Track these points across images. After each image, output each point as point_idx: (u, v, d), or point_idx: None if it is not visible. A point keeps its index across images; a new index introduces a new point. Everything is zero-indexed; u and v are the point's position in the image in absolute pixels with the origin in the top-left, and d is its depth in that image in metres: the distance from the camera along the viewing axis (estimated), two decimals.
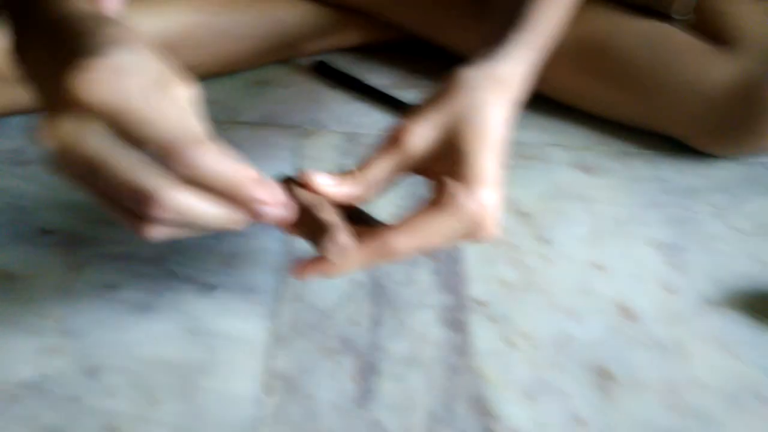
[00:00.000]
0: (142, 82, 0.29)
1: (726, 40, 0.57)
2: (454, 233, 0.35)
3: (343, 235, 0.32)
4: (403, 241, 0.34)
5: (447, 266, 0.46)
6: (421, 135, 0.35)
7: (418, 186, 0.51)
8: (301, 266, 0.35)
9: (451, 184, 0.34)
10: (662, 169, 0.58)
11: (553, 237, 0.50)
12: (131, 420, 0.35)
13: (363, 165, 0.36)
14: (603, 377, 0.40)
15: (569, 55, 0.59)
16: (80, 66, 0.28)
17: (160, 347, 0.39)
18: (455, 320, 0.43)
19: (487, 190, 0.35)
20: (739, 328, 0.44)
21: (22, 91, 0.51)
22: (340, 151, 0.56)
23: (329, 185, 0.35)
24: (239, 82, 0.63)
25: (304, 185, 0.34)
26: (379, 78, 0.65)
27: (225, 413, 0.36)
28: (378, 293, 0.44)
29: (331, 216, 0.33)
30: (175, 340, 0.39)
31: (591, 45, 0.58)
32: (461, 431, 0.37)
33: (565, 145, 0.59)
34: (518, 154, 0.57)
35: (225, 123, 0.56)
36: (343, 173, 0.35)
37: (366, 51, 0.69)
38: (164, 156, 0.28)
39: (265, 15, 0.62)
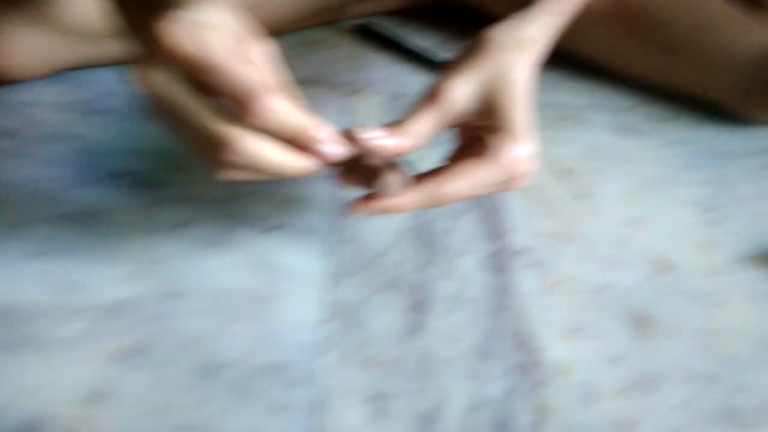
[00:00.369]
0: (222, 36, 0.32)
1: (762, 4, 0.57)
2: (495, 182, 0.38)
3: (396, 175, 0.36)
4: (451, 188, 0.37)
5: (490, 216, 0.49)
6: (460, 91, 0.38)
7: None
8: (357, 203, 0.38)
9: (492, 138, 0.38)
10: (699, 133, 0.60)
11: (592, 193, 0.52)
12: (208, 337, 0.39)
13: (405, 119, 0.38)
14: (640, 321, 0.43)
15: (608, 18, 0.60)
16: (168, 17, 0.31)
17: (230, 277, 0.42)
18: (498, 265, 0.46)
19: (524, 143, 0.38)
20: None
21: (92, 46, 0.55)
22: (384, 110, 0.58)
23: (375, 137, 0.37)
24: (287, 44, 0.65)
25: (351, 139, 0.37)
26: (421, 40, 0.67)
27: (289, 335, 0.40)
28: (425, 238, 0.47)
29: (380, 159, 0.36)
30: (243, 271, 0.43)
31: (629, 8, 0.60)
32: (505, 362, 0.40)
33: (604, 107, 0.61)
34: (558, 116, 0.59)
35: None
36: (387, 126, 0.38)
37: (408, 14, 0.71)
38: (238, 104, 0.31)
39: None
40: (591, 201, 0.51)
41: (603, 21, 0.60)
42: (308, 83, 0.60)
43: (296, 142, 0.33)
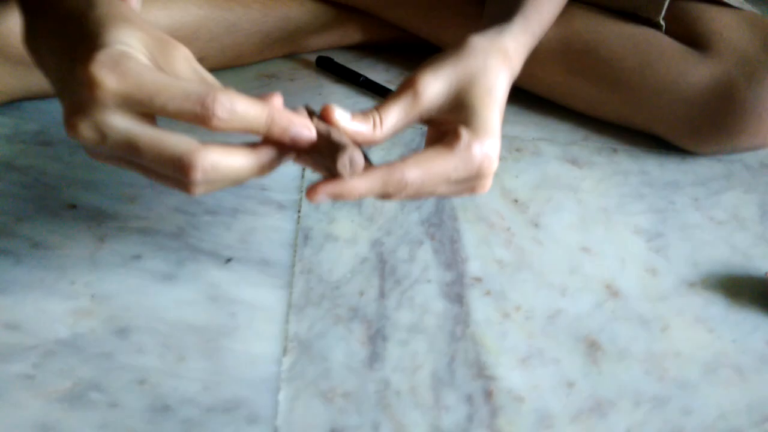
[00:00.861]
0: (148, 57, 0.32)
1: (703, 44, 0.61)
2: (459, 176, 0.37)
3: (358, 152, 0.34)
4: (414, 174, 0.35)
5: (446, 246, 0.50)
6: (435, 87, 0.37)
7: None
8: (316, 187, 0.35)
9: (464, 131, 0.37)
10: (646, 164, 0.62)
11: (544, 222, 0.53)
12: (160, 375, 0.38)
13: (378, 108, 0.37)
14: (591, 347, 0.44)
15: (558, 56, 0.63)
16: (92, 61, 0.30)
17: (184, 311, 0.42)
18: (454, 294, 0.46)
19: (493, 141, 0.37)
20: (715, 307, 0.48)
21: (38, 75, 0.54)
22: None
23: (347, 120, 0.36)
24: (247, 75, 0.66)
25: (323, 117, 0.36)
26: (378, 74, 0.69)
27: (246, 370, 0.39)
28: (383, 268, 0.47)
29: (346, 139, 0.35)
30: (197, 305, 0.42)
31: (579, 47, 0.63)
32: (462, 390, 0.40)
33: (555, 140, 0.63)
34: (512, 147, 0.61)
35: None
36: (360, 113, 0.37)
37: (366, 49, 0.72)
38: (197, 113, 0.31)
39: (272, 11, 0.66)
40: (542, 230, 0.53)
41: (553, 58, 0.63)
42: None
43: (267, 133, 0.33)
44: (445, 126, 0.38)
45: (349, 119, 0.36)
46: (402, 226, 0.51)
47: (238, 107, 0.31)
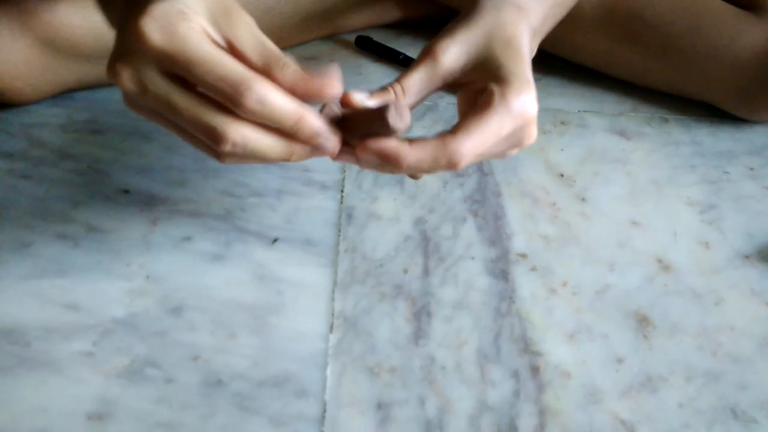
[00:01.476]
0: (200, 22, 0.31)
1: (757, 5, 0.58)
2: (506, 132, 0.35)
3: (401, 106, 0.33)
4: (468, 145, 0.34)
5: (489, 222, 0.49)
6: (454, 49, 0.36)
7: None
8: (367, 142, 0.34)
9: (494, 85, 0.35)
10: (698, 134, 0.60)
11: (591, 197, 0.52)
12: (212, 351, 0.39)
13: (399, 80, 0.37)
14: (641, 322, 0.43)
15: (602, 23, 0.61)
16: (144, 12, 0.30)
17: (233, 290, 0.43)
18: (499, 270, 0.46)
19: (526, 87, 0.35)
20: None
21: (89, 66, 0.56)
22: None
23: (366, 100, 0.35)
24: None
25: (344, 105, 0.35)
26: (417, 52, 0.68)
27: (294, 347, 0.40)
28: (426, 246, 0.47)
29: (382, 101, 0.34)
30: (246, 284, 0.43)
31: (623, 12, 0.60)
32: (508, 366, 0.40)
33: (602, 112, 0.62)
34: (557, 121, 0.60)
35: None
36: (382, 89, 0.36)
37: (405, 26, 0.72)
38: (225, 98, 0.31)
39: None
40: (589, 205, 0.52)
41: (597, 25, 0.61)
42: None
43: (291, 134, 0.33)
44: (473, 86, 0.37)
45: (367, 98, 0.35)
46: (445, 204, 0.51)
47: (269, 101, 0.31)
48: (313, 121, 0.33)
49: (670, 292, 0.45)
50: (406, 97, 0.36)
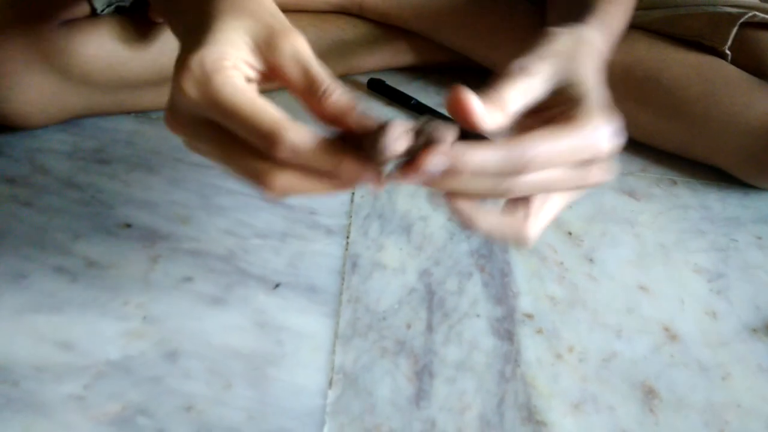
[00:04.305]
0: (250, 47, 0.32)
1: None
2: (584, 155, 0.32)
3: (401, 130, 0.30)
4: (539, 149, 0.31)
5: (496, 279, 0.49)
6: (544, 67, 0.34)
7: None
8: (429, 151, 0.30)
9: (580, 108, 0.33)
10: (706, 198, 0.60)
11: (599, 258, 0.52)
12: (207, 402, 0.38)
13: (498, 89, 0.33)
14: (648, 394, 0.42)
15: (618, 83, 0.61)
16: (182, 64, 0.31)
17: (232, 337, 0.42)
18: (505, 330, 0.45)
19: (610, 117, 0.33)
20: None
21: (101, 94, 0.56)
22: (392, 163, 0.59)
23: (482, 109, 0.31)
24: None
25: (455, 108, 0.31)
26: (429, 97, 0.68)
27: (291, 401, 0.39)
28: (431, 300, 0.46)
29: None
30: (245, 331, 0.42)
31: (640, 74, 0.61)
32: None
33: None
34: None
35: None
36: (486, 98, 0.32)
37: (418, 70, 0.72)
38: (261, 147, 0.30)
39: (326, 32, 0.66)
40: (597, 266, 0.51)
41: (612, 84, 0.61)
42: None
43: (333, 176, 0.31)
44: (548, 112, 0.34)
45: (483, 107, 0.31)
46: (451, 257, 0.50)
47: (301, 150, 0.30)
48: (351, 166, 0.31)
49: (676, 363, 0.44)
50: (507, 109, 0.32)
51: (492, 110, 0.31)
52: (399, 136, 0.30)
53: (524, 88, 0.33)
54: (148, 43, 0.55)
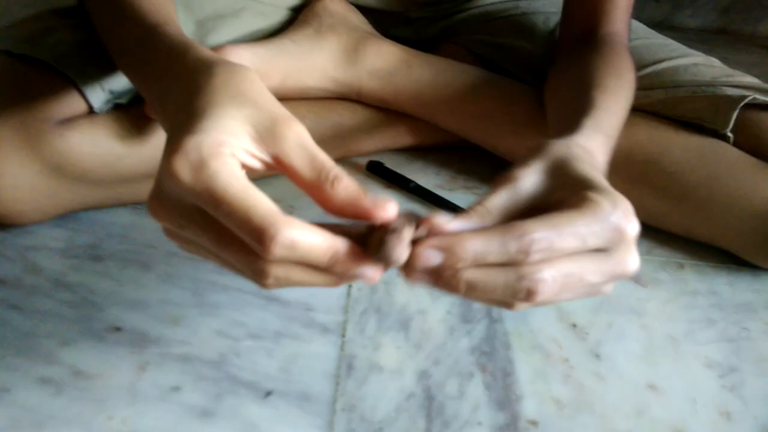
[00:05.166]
0: (251, 135, 0.31)
1: None
2: (596, 242, 0.31)
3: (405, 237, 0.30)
4: (541, 232, 0.29)
5: (498, 380, 0.47)
6: (531, 175, 0.34)
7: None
8: (422, 244, 0.30)
9: (589, 192, 0.31)
10: (715, 283, 0.58)
11: (605, 353, 0.50)
12: None
13: (481, 202, 0.33)
14: None
15: (620, 167, 0.60)
16: (174, 149, 0.30)
17: None
18: None
19: (622, 200, 0.32)
20: None
21: (102, 190, 0.55)
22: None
23: (450, 224, 0.31)
24: None
25: (433, 232, 0.31)
26: (428, 178, 0.67)
27: None
28: (429, 407, 0.44)
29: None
30: None
31: (641, 158, 0.60)
32: None
33: None
34: None
35: None
36: (462, 214, 0.32)
37: (418, 151, 0.72)
38: (253, 241, 0.29)
39: (325, 119, 0.66)
40: (604, 363, 0.49)
41: (614, 168, 0.60)
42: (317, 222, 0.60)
43: (330, 272, 0.30)
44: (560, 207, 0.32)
45: (450, 221, 0.31)
46: (451, 355, 0.48)
47: (298, 246, 0.29)
48: (347, 262, 0.30)
49: None
50: (490, 219, 0.32)
51: (474, 221, 0.31)
52: (408, 242, 0.30)
53: (509, 193, 0.33)
54: (145, 138, 0.55)
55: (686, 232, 0.61)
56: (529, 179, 0.34)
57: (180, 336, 0.47)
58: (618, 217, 0.31)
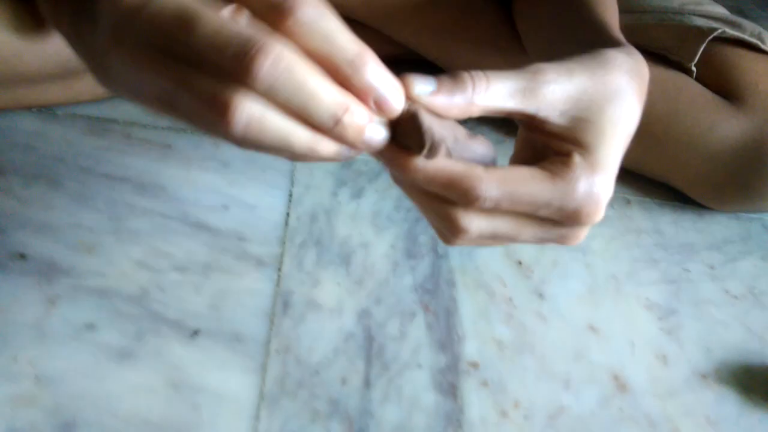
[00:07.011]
0: None
1: (737, 95, 0.56)
2: (549, 213, 0.28)
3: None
4: (493, 190, 0.27)
5: (441, 320, 0.45)
6: (566, 87, 0.28)
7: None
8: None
9: (579, 158, 0.28)
10: (660, 221, 0.58)
11: (549, 292, 0.49)
12: None
13: (486, 72, 0.27)
14: None
15: None
16: None
17: (140, 400, 0.37)
18: (448, 384, 0.41)
19: (605, 179, 0.29)
20: (728, 405, 0.44)
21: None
22: (335, 179, 0.53)
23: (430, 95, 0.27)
24: None
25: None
26: None
27: None
28: (369, 348, 0.42)
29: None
30: (156, 393, 0.37)
31: None
32: None
33: None
34: None
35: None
36: (450, 78, 0.27)
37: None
38: (269, 5, 0.23)
39: None
40: (547, 303, 0.48)
41: None
42: None
43: (349, 77, 0.24)
44: (550, 144, 0.29)
45: (430, 84, 0.27)
46: (393, 293, 0.46)
47: (323, 22, 0.23)
48: (379, 67, 0.24)
49: (625, 418, 0.42)
50: (487, 93, 0.27)
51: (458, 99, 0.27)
52: None
53: (521, 86, 0.27)
54: (48, 33, 0.46)
55: (638, 167, 0.59)
56: (561, 89, 0.28)
57: (95, 266, 0.42)
58: (586, 202, 0.28)
